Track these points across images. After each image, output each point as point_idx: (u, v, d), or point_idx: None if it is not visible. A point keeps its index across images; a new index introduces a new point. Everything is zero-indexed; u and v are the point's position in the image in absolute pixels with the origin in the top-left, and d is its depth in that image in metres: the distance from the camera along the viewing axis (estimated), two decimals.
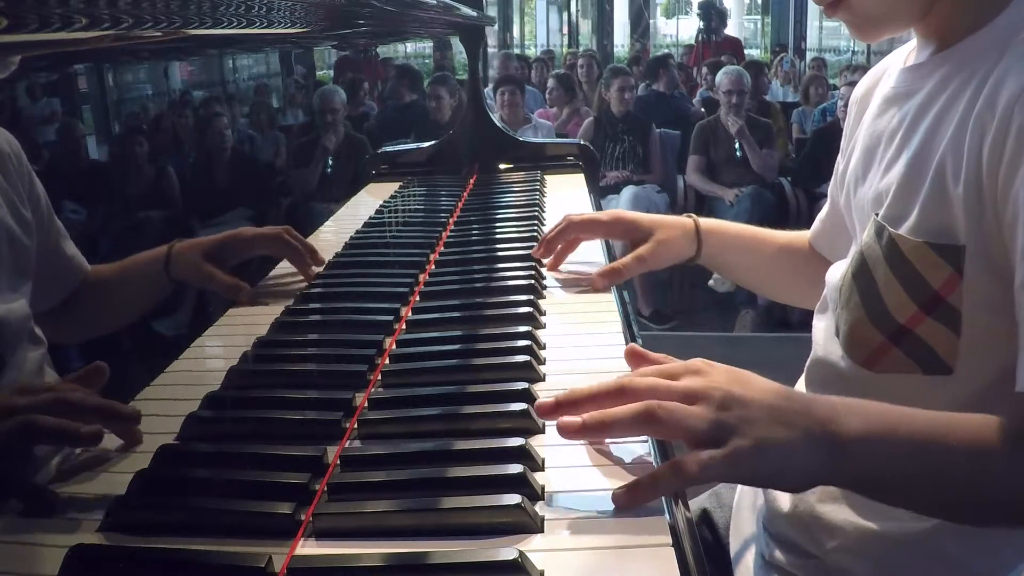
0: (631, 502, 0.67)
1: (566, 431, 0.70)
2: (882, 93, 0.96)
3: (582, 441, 0.75)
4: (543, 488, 0.70)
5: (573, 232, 1.26)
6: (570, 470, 0.73)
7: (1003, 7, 0.82)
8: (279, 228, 1.25)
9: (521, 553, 0.60)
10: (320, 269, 1.31)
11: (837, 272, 0.97)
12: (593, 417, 0.69)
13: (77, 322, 0.96)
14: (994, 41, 0.81)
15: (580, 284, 1.23)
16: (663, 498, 0.68)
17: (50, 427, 0.72)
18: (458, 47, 2.24)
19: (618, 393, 0.70)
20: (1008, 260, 0.76)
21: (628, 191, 4.65)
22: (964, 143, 0.79)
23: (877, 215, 0.88)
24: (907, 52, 0.96)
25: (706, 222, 1.24)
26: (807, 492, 0.96)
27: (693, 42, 10.80)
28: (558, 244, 1.26)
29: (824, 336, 0.98)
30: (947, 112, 0.83)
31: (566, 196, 1.88)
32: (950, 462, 0.72)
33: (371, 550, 0.63)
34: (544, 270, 1.28)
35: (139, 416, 0.80)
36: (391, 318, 1.08)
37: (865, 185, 0.94)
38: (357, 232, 1.57)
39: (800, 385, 1.05)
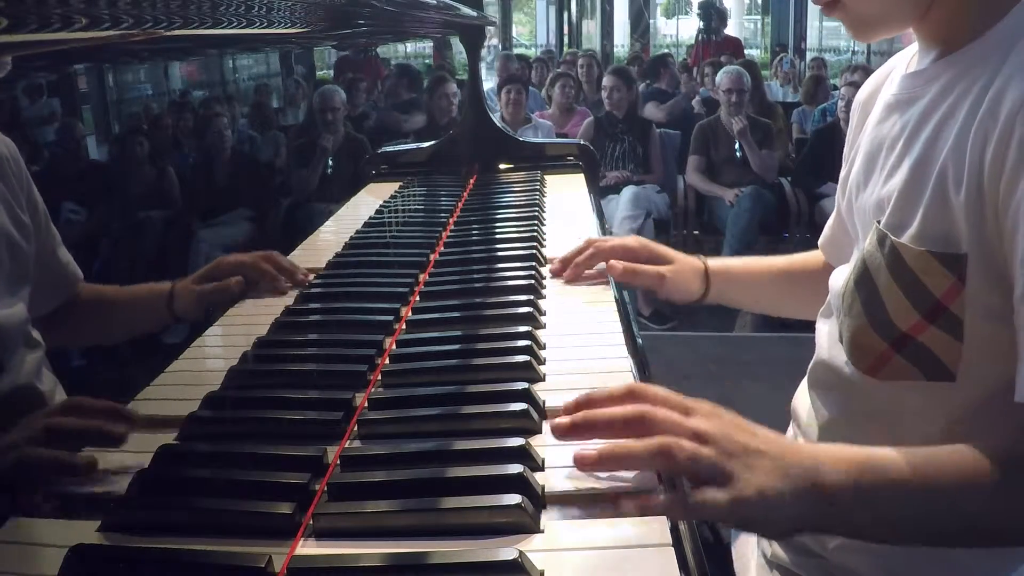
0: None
1: (583, 464, 0.71)
2: (884, 99, 0.95)
3: (578, 442, 0.75)
4: (543, 488, 0.70)
5: (600, 259, 1.27)
6: (570, 470, 0.73)
7: (1004, 12, 0.82)
8: (258, 255, 1.24)
9: (521, 553, 0.60)
10: (321, 268, 1.31)
11: (840, 278, 0.96)
12: (611, 452, 0.70)
13: (72, 334, 0.96)
14: (996, 48, 0.81)
15: (591, 275, 1.25)
16: None
17: (45, 460, 0.73)
18: (458, 47, 2.24)
19: (636, 421, 0.71)
20: (1009, 269, 0.76)
21: (628, 191, 4.64)
22: (966, 151, 0.79)
23: (879, 223, 0.88)
24: (910, 56, 0.95)
25: (714, 264, 1.26)
26: None
27: (693, 42, 10.80)
28: (583, 270, 1.27)
29: (828, 340, 0.98)
30: (949, 119, 0.82)
31: (566, 196, 1.88)
32: (934, 501, 0.73)
33: (371, 550, 0.63)
34: (544, 270, 1.28)
35: (138, 418, 0.80)
36: (391, 318, 1.08)
37: (867, 191, 0.94)
38: (357, 232, 1.57)
39: (803, 387, 1.05)
